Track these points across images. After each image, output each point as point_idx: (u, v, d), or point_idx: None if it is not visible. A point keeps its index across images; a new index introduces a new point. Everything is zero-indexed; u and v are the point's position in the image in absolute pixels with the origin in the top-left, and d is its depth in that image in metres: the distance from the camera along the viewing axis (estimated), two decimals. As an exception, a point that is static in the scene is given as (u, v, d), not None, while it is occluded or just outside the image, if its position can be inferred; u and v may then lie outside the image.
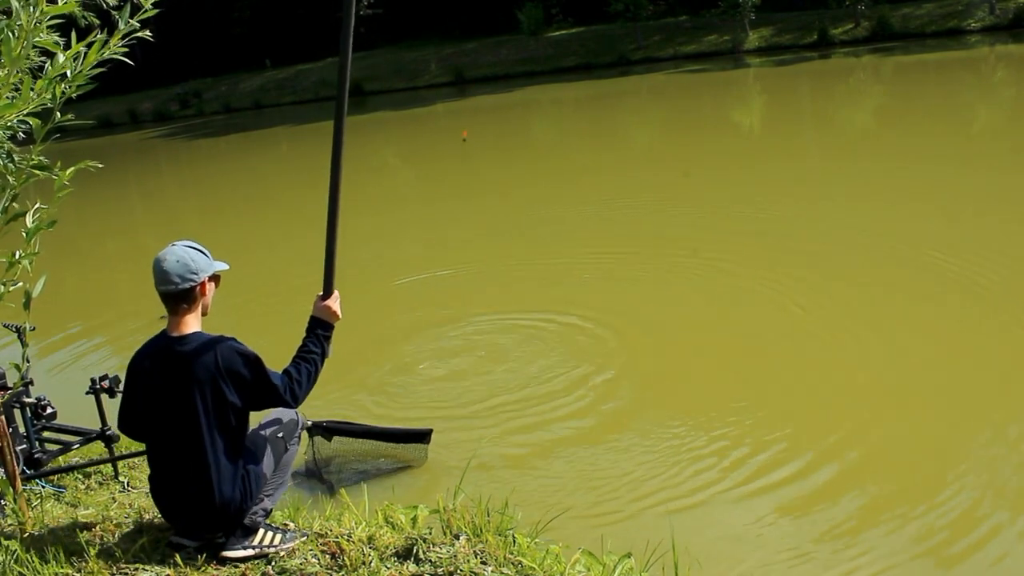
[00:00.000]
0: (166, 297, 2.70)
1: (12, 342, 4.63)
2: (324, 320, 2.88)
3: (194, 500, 2.70)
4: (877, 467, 3.92)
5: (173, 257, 2.68)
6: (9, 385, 3.50)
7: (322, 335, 2.85)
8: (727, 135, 16.66)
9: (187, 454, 2.68)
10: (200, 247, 2.78)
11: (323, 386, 2.96)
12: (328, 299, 2.90)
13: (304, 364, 2.78)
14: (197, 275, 2.70)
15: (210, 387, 2.64)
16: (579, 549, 2.84)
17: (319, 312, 2.88)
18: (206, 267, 2.74)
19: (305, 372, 2.76)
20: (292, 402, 2.73)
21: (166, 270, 2.66)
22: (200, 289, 2.73)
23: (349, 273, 8.57)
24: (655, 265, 7.41)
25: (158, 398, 2.71)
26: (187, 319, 2.72)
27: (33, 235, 2.49)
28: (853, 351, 5.16)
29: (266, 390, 2.69)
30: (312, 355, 2.81)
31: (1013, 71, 22.06)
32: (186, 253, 2.70)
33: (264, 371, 2.70)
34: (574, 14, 42.72)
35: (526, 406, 4.83)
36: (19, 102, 2.33)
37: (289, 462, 2.99)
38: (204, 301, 2.77)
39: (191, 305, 2.72)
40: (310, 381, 2.78)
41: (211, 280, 2.78)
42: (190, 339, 2.69)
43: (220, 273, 2.83)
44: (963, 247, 6.85)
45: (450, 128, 24.97)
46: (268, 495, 2.87)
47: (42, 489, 3.56)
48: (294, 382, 2.73)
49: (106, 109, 42.86)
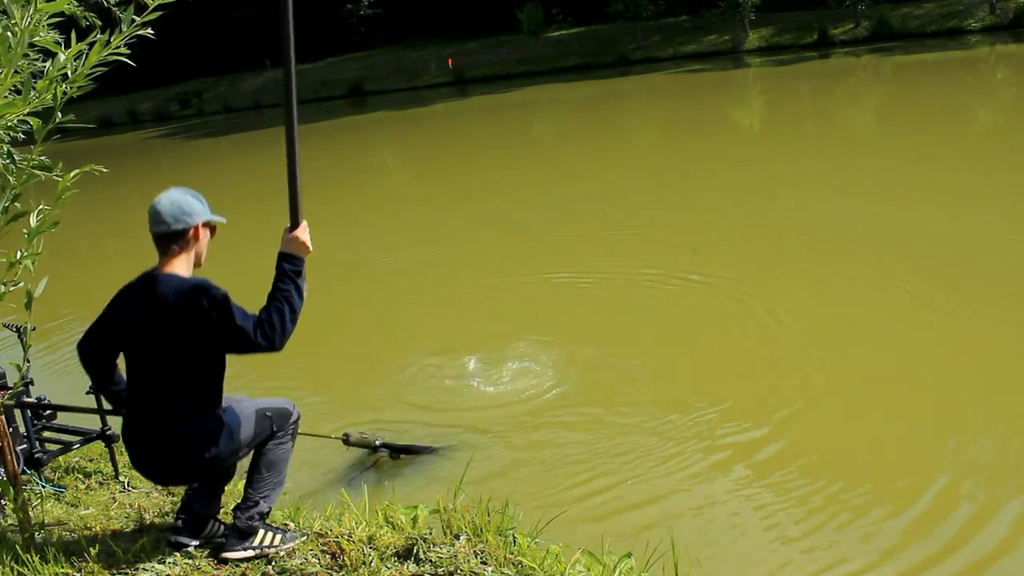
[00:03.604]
0: (158, 239, 2.68)
1: (13, 342, 4.63)
2: (292, 254, 2.70)
3: (158, 442, 2.64)
4: (878, 467, 3.92)
5: (168, 199, 2.69)
6: (9, 385, 3.50)
7: (291, 270, 2.68)
8: (727, 135, 16.66)
9: (155, 394, 2.64)
10: (197, 195, 2.76)
11: (327, 384, 2.94)
12: (296, 230, 2.72)
13: (275, 304, 2.63)
14: (191, 217, 2.67)
15: (180, 327, 2.58)
16: (579, 549, 2.84)
17: (286, 246, 2.71)
18: (200, 212, 2.71)
19: (276, 313, 2.61)
20: (267, 344, 2.59)
21: (159, 210, 2.66)
22: (193, 233, 2.69)
23: (349, 273, 8.59)
24: (654, 266, 7.40)
25: (133, 335, 2.67)
26: (175, 261, 2.68)
27: (36, 235, 2.49)
28: (853, 351, 5.16)
29: (234, 332, 2.58)
30: (283, 294, 2.65)
31: (1013, 71, 22.06)
32: (181, 196, 2.70)
33: (231, 312, 2.57)
34: (574, 14, 42.74)
35: (526, 407, 4.84)
36: (19, 102, 2.32)
37: (282, 460, 2.88)
38: (197, 248, 2.73)
39: (182, 248, 2.68)
40: (284, 322, 2.62)
41: (206, 227, 2.75)
42: (171, 279, 2.64)
43: (217, 225, 2.81)
44: (964, 246, 6.86)
45: (450, 128, 24.98)
46: (263, 496, 2.80)
47: (42, 489, 3.56)
48: (264, 324, 2.59)
49: (106, 109, 42.88)
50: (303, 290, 2.70)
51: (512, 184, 13.59)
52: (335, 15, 47.32)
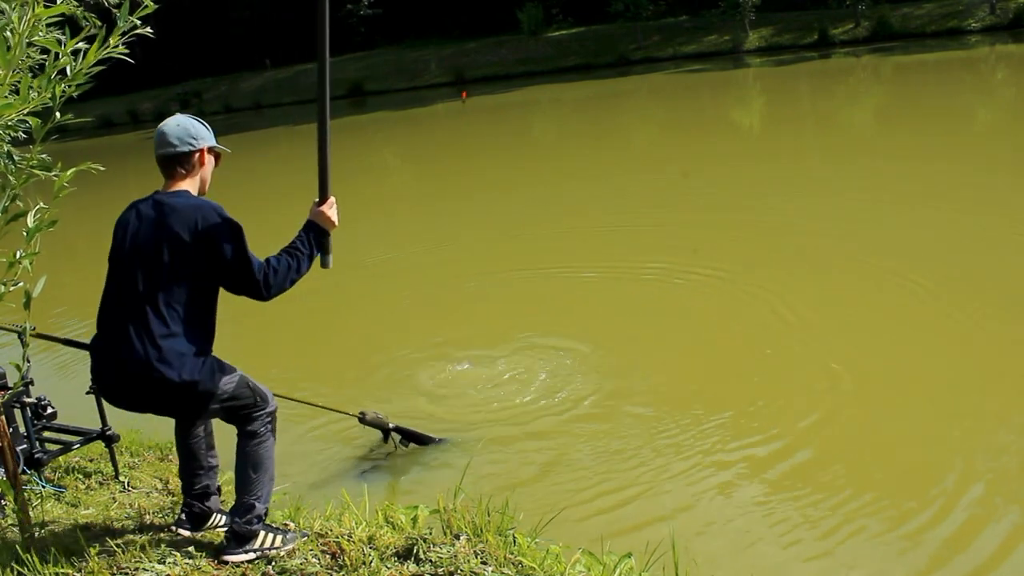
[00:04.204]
0: (163, 161, 2.69)
1: (12, 342, 4.63)
2: (318, 225, 2.79)
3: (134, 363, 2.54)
4: (878, 467, 3.91)
5: (174, 122, 2.73)
6: (9, 385, 3.50)
7: (314, 237, 2.76)
8: (727, 135, 16.66)
9: (140, 310, 2.55)
10: (204, 122, 2.79)
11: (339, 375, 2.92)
12: (323, 205, 2.79)
13: (286, 257, 2.68)
14: (196, 140, 2.70)
15: (182, 244, 2.55)
16: (579, 549, 2.84)
17: (314, 217, 2.79)
18: (206, 137, 2.75)
19: (284, 263, 2.65)
20: (263, 288, 2.61)
21: (165, 132, 2.69)
22: (199, 157, 2.72)
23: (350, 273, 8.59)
24: (654, 265, 7.40)
25: (131, 247, 2.63)
26: (182, 183, 2.69)
27: (34, 235, 2.48)
28: (852, 351, 5.15)
29: (240, 263, 2.58)
30: (297, 252, 2.71)
31: (1013, 71, 22.07)
32: (188, 120, 2.74)
33: (243, 242, 2.59)
34: (574, 14, 42.76)
35: (526, 407, 4.83)
36: (19, 102, 2.32)
37: (267, 458, 2.79)
38: (202, 173, 2.75)
39: (188, 172, 2.71)
40: (288, 274, 2.66)
41: (210, 153, 2.78)
42: (179, 195, 2.65)
43: (222, 153, 2.83)
44: (964, 246, 6.86)
45: (450, 128, 24.98)
46: (257, 498, 2.75)
47: (42, 489, 3.56)
48: (271, 268, 2.62)
49: (106, 109, 42.87)
50: (313, 260, 2.77)
51: (512, 184, 13.59)
52: (335, 15, 47.31)
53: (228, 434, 2.86)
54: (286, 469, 4.36)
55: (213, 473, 2.99)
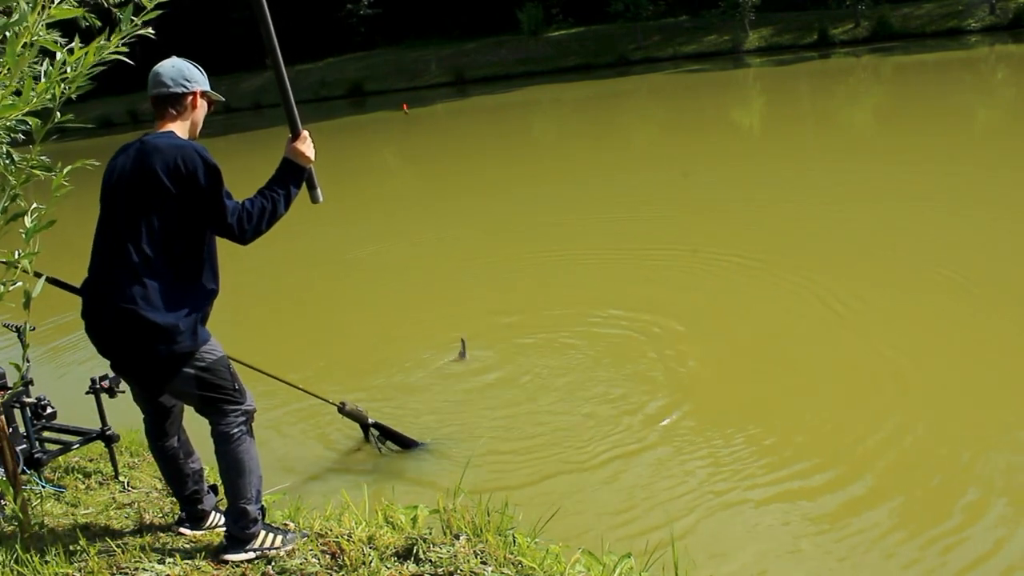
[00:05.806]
0: (156, 101, 2.70)
1: (12, 342, 4.63)
2: (294, 161, 2.78)
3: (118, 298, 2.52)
4: (878, 466, 3.90)
5: (170, 63, 2.73)
6: (9, 385, 3.50)
7: (289, 177, 2.75)
8: (727, 135, 16.67)
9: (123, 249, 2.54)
10: (200, 67, 2.79)
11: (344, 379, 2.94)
12: (296, 140, 2.79)
13: (261, 200, 2.67)
14: (190, 83, 2.71)
15: (159, 182, 2.53)
16: (579, 549, 2.84)
17: (289, 153, 2.79)
18: (201, 81, 2.75)
19: (259, 206, 2.65)
20: (237, 231, 2.61)
21: (160, 72, 2.69)
22: (192, 100, 2.73)
23: (349, 273, 8.59)
24: (654, 265, 7.40)
25: (115, 187, 2.62)
26: (172, 124, 2.70)
27: (32, 235, 2.48)
28: (851, 351, 5.15)
29: (214, 204, 2.57)
30: (272, 194, 2.70)
31: (1013, 71, 22.07)
32: (183, 63, 2.74)
33: (219, 184, 2.58)
34: (574, 14, 42.76)
35: (526, 407, 4.83)
36: (20, 103, 2.32)
37: (250, 458, 2.73)
38: (194, 116, 2.76)
39: (179, 113, 2.71)
40: (264, 217, 2.65)
41: (204, 97, 2.78)
42: (165, 135, 2.65)
43: (216, 100, 2.84)
44: (964, 246, 6.86)
45: (450, 128, 24.98)
46: (247, 500, 2.71)
47: (42, 489, 3.56)
48: (244, 212, 2.61)
49: (106, 109, 42.87)
50: (292, 199, 2.76)
51: (512, 184, 13.59)
52: (335, 15, 47.34)
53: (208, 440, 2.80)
54: (286, 469, 4.37)
55: (199, 476, 2.95)
